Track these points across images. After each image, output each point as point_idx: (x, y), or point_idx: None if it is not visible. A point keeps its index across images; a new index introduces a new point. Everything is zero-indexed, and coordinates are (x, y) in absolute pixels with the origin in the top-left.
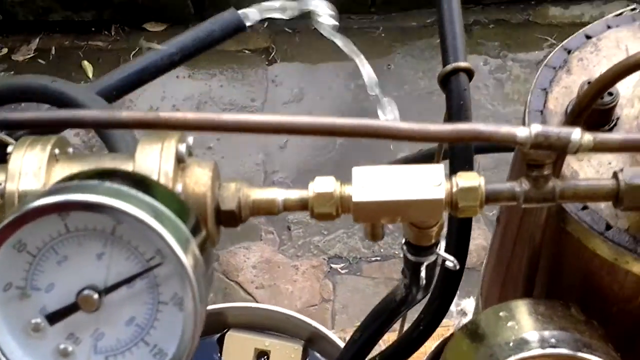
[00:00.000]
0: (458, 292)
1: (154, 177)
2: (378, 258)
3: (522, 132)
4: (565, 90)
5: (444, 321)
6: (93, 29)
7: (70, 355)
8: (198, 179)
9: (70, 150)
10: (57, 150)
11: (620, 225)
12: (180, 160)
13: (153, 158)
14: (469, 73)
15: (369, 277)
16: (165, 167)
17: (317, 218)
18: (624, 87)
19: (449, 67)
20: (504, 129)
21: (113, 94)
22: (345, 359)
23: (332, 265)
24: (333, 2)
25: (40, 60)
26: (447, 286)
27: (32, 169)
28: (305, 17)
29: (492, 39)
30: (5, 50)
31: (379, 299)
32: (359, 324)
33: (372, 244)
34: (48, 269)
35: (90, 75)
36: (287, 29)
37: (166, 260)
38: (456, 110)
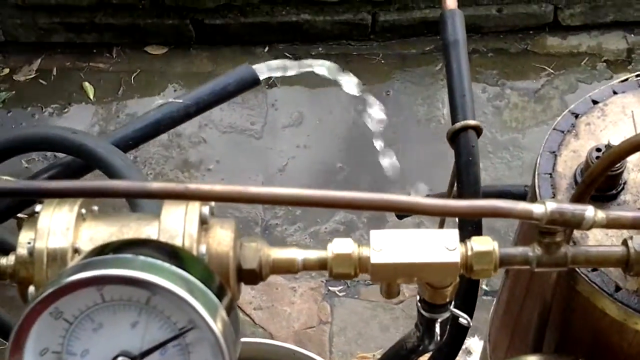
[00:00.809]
0: None
1: (179, 239)
2: None
3: (538, 209)
4: (574, 154)
5: None
6: (94, 50)
7: None
8: (221, 240)
9: (95, 208)
10: (83, 210)
11: (629, 287)
12: (203, 222)
13: (178, 220)
14: (477, 130)
15: (367, 300)
16: (190, 230)
17: (335, 277)
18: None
19: (458, 124)
20: (521, 206)
21: (129, 144)
22: None
23: (330, 288)
24: (332, 29)
25: (41, 81)
26: (456, 333)
27: (61, 228)
28: (306, 43)
29: (491, 68)
30: (7, 71)
31: (376, 322)
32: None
33: None
34: (83, 336)
35: (92, 96)
36: (287, 54)
37: (198, 329)
38: (464, 165)
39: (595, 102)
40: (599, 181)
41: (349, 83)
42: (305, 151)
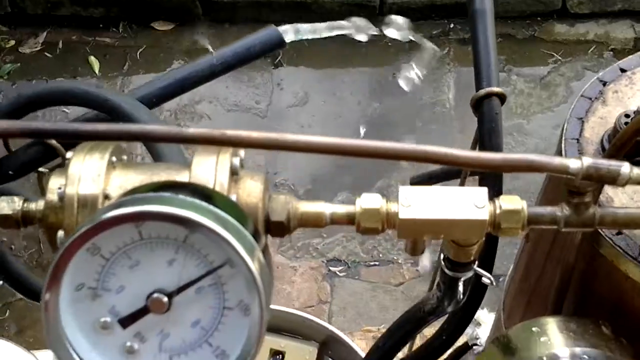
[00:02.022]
0: None
1: (210, 187)
2: (376, 263)
3: (574, 164)
4: (601, 121)
5: None
6: (101, 25)
7: (136, 352)
8: (251, 191)
9: (125, 157)
10: (114, 158)
11: None
12: (234, 173)
13: (209, 170)
14: (502, 98)
15: (367, 281)
16: (221, 179)
17: (362, 232)
18: None
19: (483, 91)
20: (557, 161)
21: (153, 101)
22: None
23: (331, 268)
24: (340, 9)
25: (47, 54)
26: (471, 299)
27: (91, 174)
28: (313, 22)
29: (499, 53)
30: (12, 43)
31: (376, 303)
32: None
33: (371, 248)
34: (120, 273)
35: (97, 70)
36: None
37: (235, 267)
38: (487, 133)
39: (623, 71)
40: (629, 145)
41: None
42: (310, 131)
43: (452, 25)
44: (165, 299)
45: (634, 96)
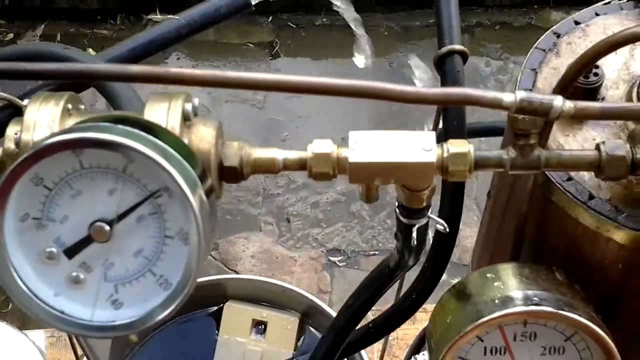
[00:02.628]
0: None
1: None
2: (376, 252)
3: (508, 97)
4: (554, 71)
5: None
6: (98, 17)
7: (81, 282)
8: (203, 136)
9: (82, 107)
10: (69, 106)
11: (603, 195)
12: (186, 118)
13: (161, 114)
14: (464, 55)
15: (367, 270)
16: (172, 123)
17: (314, 178)
18: (610, 70)
19: (444, 49)
20: (491, 94)
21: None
22: (340, 324)
23: (330, 258)
24: None
25: None
26: (439, 256)
27: (47, 121)
28: (310, 13)
29: (494, 41)
30: (11, 36)
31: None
32: None
33: (371, 238)
34: (63, 203)
35: None
36: (291, 24)
37: (174, 196)
38: None
39: (577, 23)
40: (571, 86)
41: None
42: (307, 121)
43: None
44: (107, 227)
45: (587, 47)
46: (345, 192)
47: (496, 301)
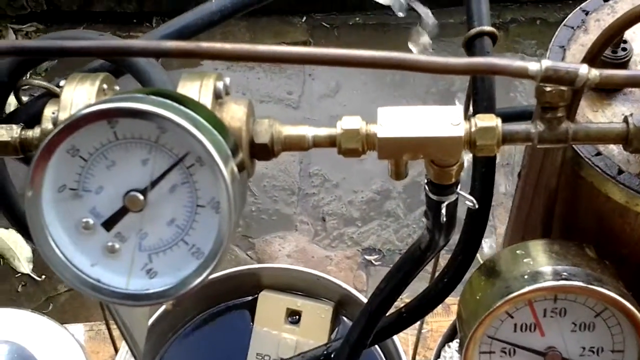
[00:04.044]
0: None
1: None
2: None
3: (533, 66)
4: (582, 48)
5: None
6: (135, 20)
7: (116, 251)
8: (234, 114)
9: (117, 87)
10: (105, 86)
11: (632, 170)
12: (218, 97)
13: (193, 93)
14: (493, 37)
15: None
16: (204, 100)
17: (344, 154)
18: (639, 45)
19: (473, 30)
20: (517, 63)
21: None
22: (372, 307)
23: (366, 257)
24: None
25: None
26: (469, 240)
27: (83, 100)
28: (344, 13)
29: (529, 37)
30: None
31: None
32: None
33: (406, 236)
34: (98, 173)
35: None
36: (324, 24)
37: (205, 165)
38: None
39: (606, 0)
40: (599, 56)
41: None
42: None
43: None
44: (141, 196)
45: None
46: (380, 191)
47: (525, 277)
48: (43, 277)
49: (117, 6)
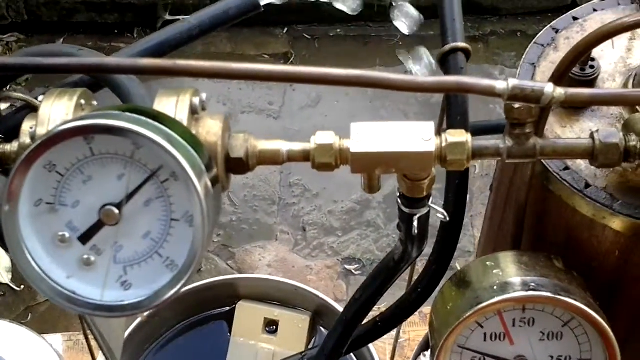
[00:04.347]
0: None
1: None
2: None
3: (500, 85)
4: (552, 65)
5: None
6: (116, 30)
7: (92, 264)
8: (210, 129)
9: (95, 103)
10: (82, 101)
11: (599, 184)
12: (194, 112)
13: (169, 108)
14: (467, 53)
15: None
16: (180, 116)
17: (318, 168)
18: (607, 63)
19: (447, 47)
20: (485, 82)
21: None
22: (348, 316)
23: (346, 267)
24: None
25: None
26: (443, 250)
27: (61, 115)
28: (324, 24)
29: (508, 49)
30: None
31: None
32: None
33: (386, 246)
34: (74, 188)
35: None
36: (306, 35)
37: (179, 180)
38: None
39: (575, 19)
40: (567, 74)
41: None
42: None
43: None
44: (116, 210)
45: None
46: (360, 201)
47: (495, 287)
48: (22, 287)
49: (98, 17)
